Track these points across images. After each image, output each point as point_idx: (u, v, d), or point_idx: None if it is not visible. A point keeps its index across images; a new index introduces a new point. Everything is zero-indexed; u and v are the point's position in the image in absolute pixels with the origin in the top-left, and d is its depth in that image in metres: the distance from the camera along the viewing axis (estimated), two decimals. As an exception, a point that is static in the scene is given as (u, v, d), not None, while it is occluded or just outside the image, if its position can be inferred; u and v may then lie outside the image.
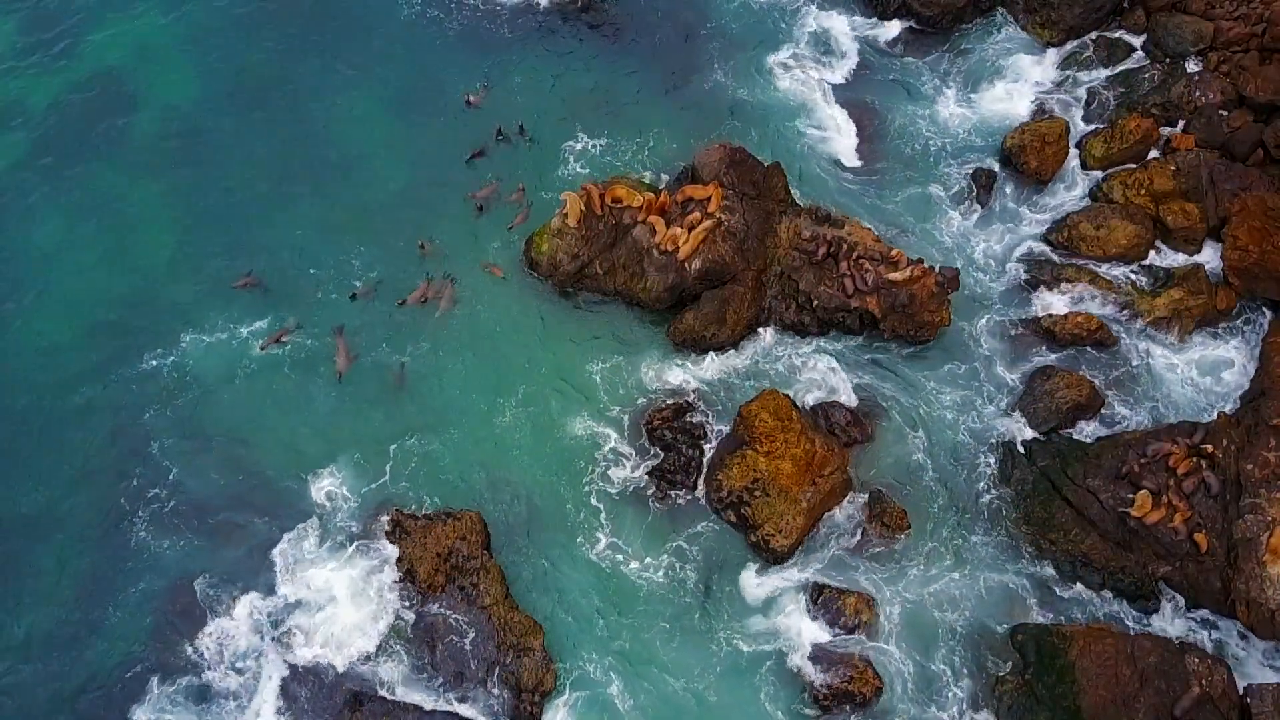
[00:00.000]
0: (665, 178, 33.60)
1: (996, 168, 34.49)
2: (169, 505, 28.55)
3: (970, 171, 34.36)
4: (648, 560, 28.00)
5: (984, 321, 31.77)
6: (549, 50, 36.92)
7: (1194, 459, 27.49)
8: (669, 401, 29.91)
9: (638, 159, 34.32)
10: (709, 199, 31.13)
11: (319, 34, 37.56)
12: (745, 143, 34.11)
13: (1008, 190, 34.12)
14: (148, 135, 35.51)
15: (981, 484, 29.30)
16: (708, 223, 30.77)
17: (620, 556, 28.08)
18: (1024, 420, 30.08)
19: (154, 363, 30.60)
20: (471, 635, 26.70)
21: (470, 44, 36.98)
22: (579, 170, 34.15)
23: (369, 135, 35.24)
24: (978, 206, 33.85)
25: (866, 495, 28.96)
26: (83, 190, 34.24)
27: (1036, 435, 29.82)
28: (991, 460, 29.61)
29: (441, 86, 36.10)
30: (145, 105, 36.35)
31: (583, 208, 31.11)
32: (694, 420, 29.55)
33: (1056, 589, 27.70)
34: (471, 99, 35.27)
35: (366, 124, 35.52)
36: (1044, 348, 31.23)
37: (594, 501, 28.72)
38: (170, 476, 28.91)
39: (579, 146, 34.62)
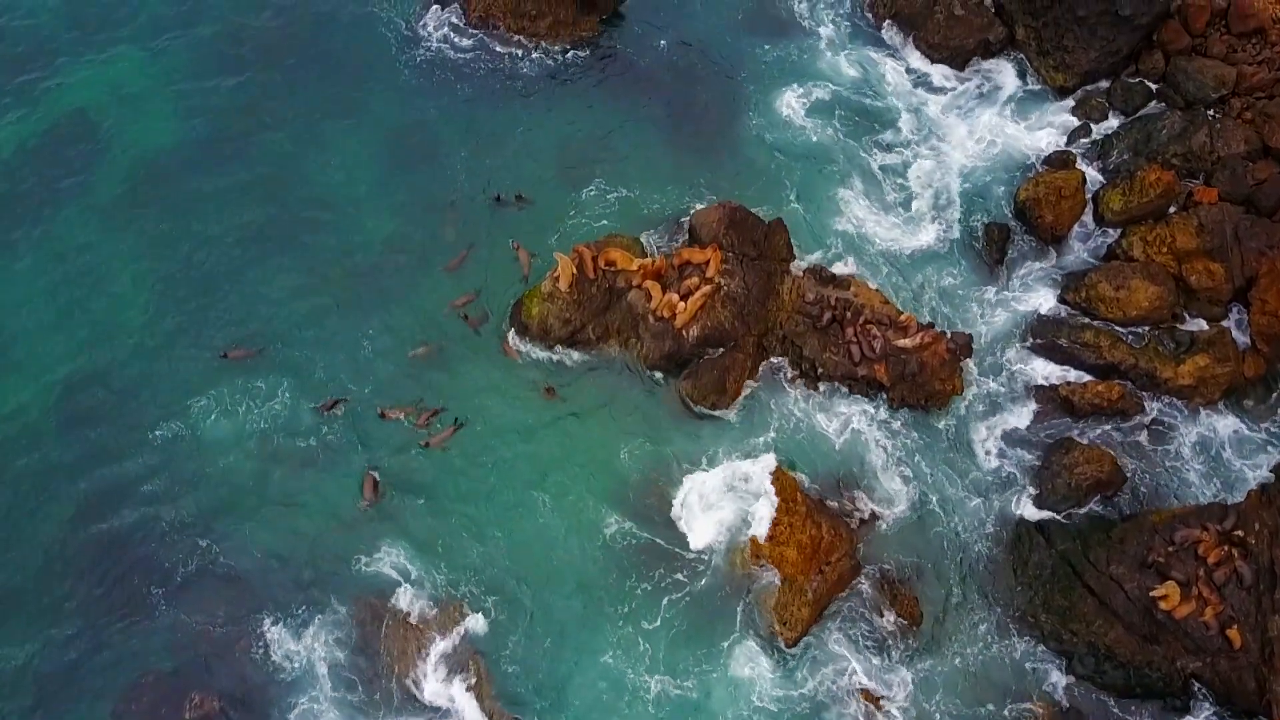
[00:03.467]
0: (673, 241, 31.87)
1: (1010, 221, 32.80)
2: (172, 590, 26.85)
3: (982, 226, 32.67)
4: (652, 653, 26.19)
5: (998, 391, 30.08)
6: (557, 103, 34.93)
7: (1225, 547, 25.82)
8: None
9: (645, 213, 32.49)
10: (707, 262, 29.42)
11: (310, 79, 35.59)
12: (753, 191, 32.60)
13: (1021, 246, 32.46)
14: (123, 183, 33.55)
15: (997, 568, 27.65)
16: (706, 288, 29.10)
17: (624, 649, 26.26)
18: (1041, 497, 28.42)
19: (155, 433, 28.85)
20: (452, 738, 25.08)
21: (475, 96, 34.95)
22: (593, 224, 32.24)
23: (361, 191, 33.21)
24: (990, 264, 32.14)
25: (876, 581, 27.31)
26: (56, 243, 32.29)
27: (1055, 514, 28.17)
28: (1008, 541, 27.94)
29: (441, 138, 34.10)
30: (121, 151, 34.41)
31: (574, 271, 29.38)
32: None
33: (1080, 684, 26.03)
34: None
35: (358, 176, 33.44)
36: (1062, 418, 29.60)
37: (609, 599, 26.85)
38: (173, 560, 27.23)
39: (583, 200, 32.69)
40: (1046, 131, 34.46)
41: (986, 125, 34.70)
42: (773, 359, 30.13)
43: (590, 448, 28.69)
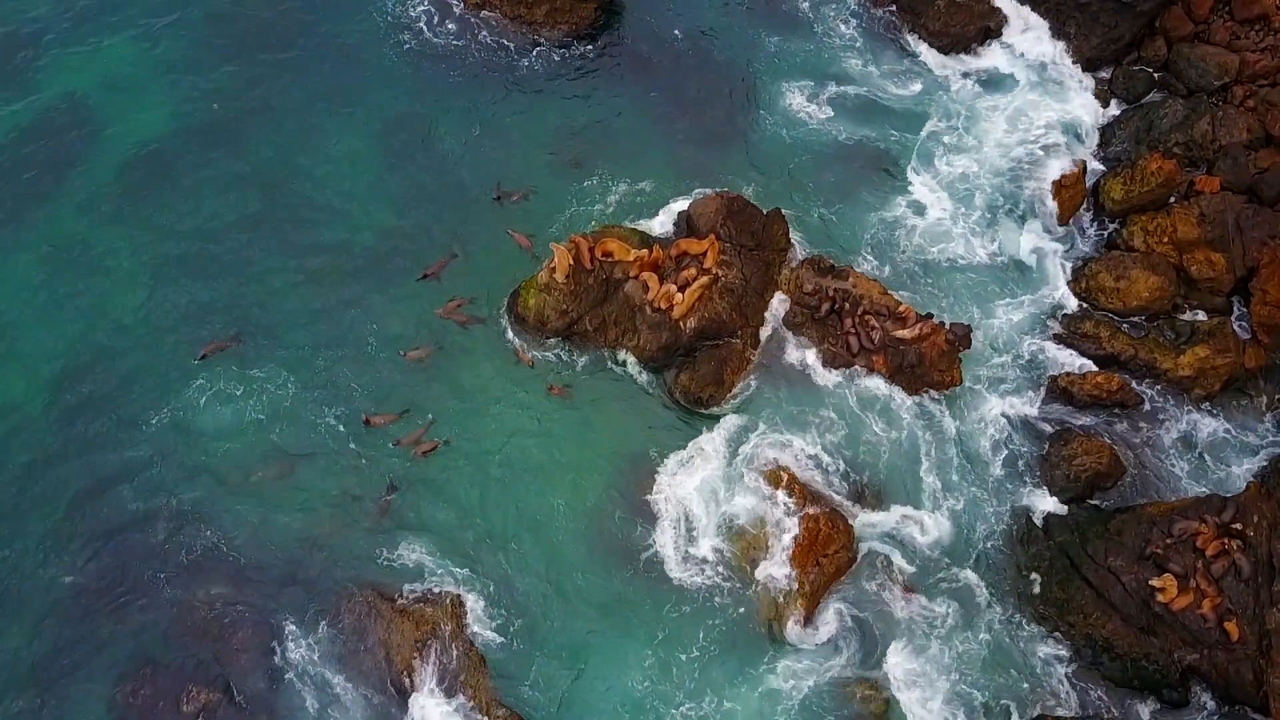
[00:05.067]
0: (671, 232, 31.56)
1: (1008, 210, 32.57)
2: (171, 582, 26.62)
3: (979, 215, 32.43)
4: (666, 661, 25.99)
5: (997, 380, 29.94)
6: (555, 92, 34.42)
7: (1223, 539, 25.77)
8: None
9: (643, 204, 32.19)
10: (705, 253, 29.23)
11: (306, 67, 35.09)
12: (752, 183, 32.38)
13: (1021, 235, 32.19)
14: (116, 172, 32.98)
15: (995, 559, 27.59)
16: (704, 279, 28.92)
17: (638, 659, 25.96)
18: (1040, 489, 28.36)
19: (153, 423, 28.57)
20: (448, 732, 25.07)
21: (471, 84, 34.49)
22: (592, 214, 31.97)
23: (355, 178, 32.77)
24: (988, 253, 31.92)
25: (875, 571, 27.27)
26: (45, 234, 31.92)
27: (1053, 505, 28.11)
28: (1005, 531, 27.91)
29: (436, 127, 33.76)
30: (113, 139, 33.89)
31: (571, 261, 29.19)
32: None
33: (1081, 675, 26.03)
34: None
35: (353, 165, 33.07)
36: (1061, 409, 29.46)
37: (622, 607, 26.64)
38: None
39: (582, 191, 32.30)
40: (1048, 120, 34.14)
41: (989, 112, 34.38)
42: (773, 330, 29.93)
43: (590, 446, 28.50)
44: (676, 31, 36.06)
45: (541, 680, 25.74)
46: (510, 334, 30.10)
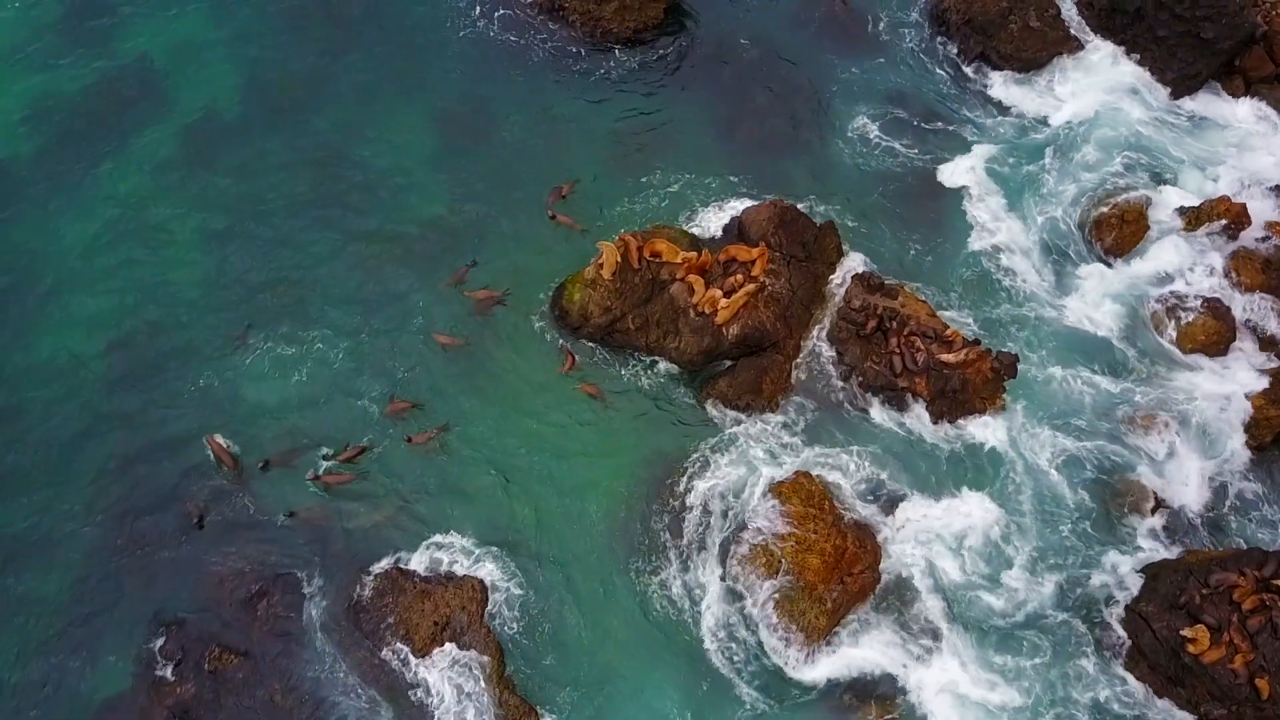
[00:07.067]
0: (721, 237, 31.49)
1: (1062, 238, 32.04)
2: (202, 543, 27.22)
3: (1034, 243, 31.93)
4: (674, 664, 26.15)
5: (1039, 413, 29.38)
6: (617, 88, 34.64)
7: (1262, 595, 25.07)
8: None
9: (696, 207, 32.20)
10: (753, 261, 29.09)
11: (371, 47, 35.71)
12: (811, 197, 32.27)
13: (1079, 267, 31.62)
14: (179, 139, 33.79)
15: (1026, 593, 27.07)
16: (750, 286, 28.78)
17: (650, 651, 26.16)
18: (1079, 527, 27.79)
19: (197, 387, 29.24)
20: (458, 713, 25.19)
21: (532, 76, 34.85)
22: (643, 213, 32.09)
23: (411, 161, 33.27)
24: (1042, 281, 31.42)
25: (899, 594, 26.94)
26: (109, 196, 32.67)
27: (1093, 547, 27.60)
28: (1038, 568, 27.37)
29: (494, 116, 34.08)
30: (181, 106, 34.69)
31: (619, 259, 29.22)
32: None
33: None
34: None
35: (410, 148, 33.52)
36: (1106, 447, 28.83)
37: (644, 617, 26.77)
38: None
39: (636, 189, 32.45)
40: (1112, 151, 33.51)
41: (1056, 141, 33.83)
42: (816, 343, 29.85)
43: (621, 451, 28.59)
44: (743, 40, 35.95)
45: (556, 683, 25.87)
46: (550, 334, 30.18)
